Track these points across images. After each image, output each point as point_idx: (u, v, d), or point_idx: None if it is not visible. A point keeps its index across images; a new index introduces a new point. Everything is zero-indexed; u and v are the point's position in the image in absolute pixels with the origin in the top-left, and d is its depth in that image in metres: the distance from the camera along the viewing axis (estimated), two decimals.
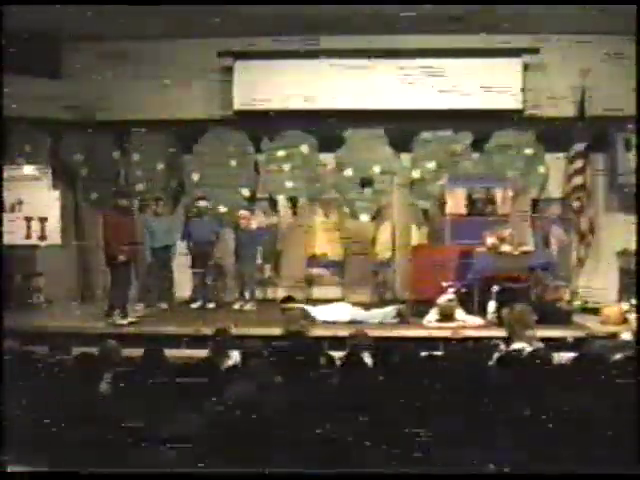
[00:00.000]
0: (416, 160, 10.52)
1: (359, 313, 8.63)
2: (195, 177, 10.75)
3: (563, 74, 10.04)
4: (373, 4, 8.53)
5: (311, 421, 3.11)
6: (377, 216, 10.60)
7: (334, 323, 8.28)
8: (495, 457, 2.86)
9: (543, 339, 5.86)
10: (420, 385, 3.84)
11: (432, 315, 8.21)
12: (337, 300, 9.45)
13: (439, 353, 5.57)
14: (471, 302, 8.46)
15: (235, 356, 5.50)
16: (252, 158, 10.78)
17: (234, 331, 6.27)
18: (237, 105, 10.54)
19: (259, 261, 9.90)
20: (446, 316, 8.17)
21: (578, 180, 10.04)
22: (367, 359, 4.83)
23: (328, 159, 10.68)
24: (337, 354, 4.94)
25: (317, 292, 10.31)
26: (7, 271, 8.98)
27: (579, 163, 10.03)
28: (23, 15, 7.63)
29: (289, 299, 9.50)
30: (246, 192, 10.71)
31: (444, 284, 8.37)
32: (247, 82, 10.44)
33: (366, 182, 10.47)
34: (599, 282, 9.75)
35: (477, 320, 8.17)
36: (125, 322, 8.23)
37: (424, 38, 10.09)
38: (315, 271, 10.59)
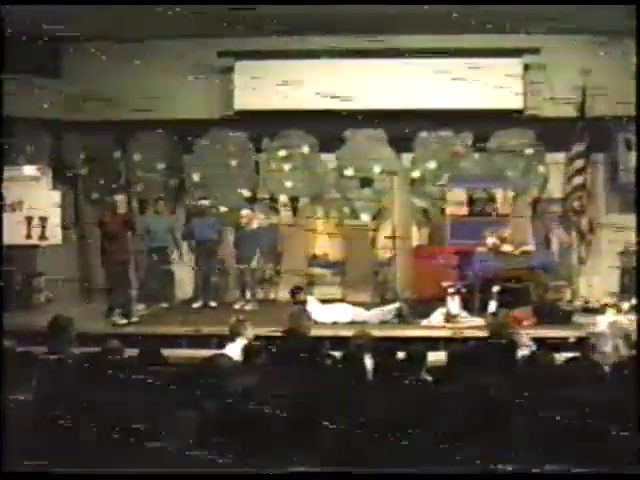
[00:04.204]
0: (416, 160, 10.51)
1: (360, 313, 8.62)
2: (195, 177, 10.74)
3: (564, 74, 10.02)
4: (373, 4, 8.51)
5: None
6: (377, 216, 10.59)
7: (335, 323, 8.28)
8: None
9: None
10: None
11: (437, 316, 8.21)
12: (338, 300, 9.45)
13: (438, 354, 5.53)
14: (472, 302, 8.46)
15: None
16: (252, 158, 10.77)
17: None
18: (237, 105, 10.55)
19: (260, 261, 9.88)
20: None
21: (578, 180, 10.03)
22: (367, 361, 4.82)
23: (329, 159, 10.67)
24: (338, 354, 4.94)
25: (318, 292, 10.29)
26: (7, 271, 8.96)
27: (579, 163, 10.01)
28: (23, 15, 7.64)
29: (298, 289, 9.37)
30: (246, 192, 10.70)
31: (444, 284, 8.36)
32: (247, 82, 10.44)
33: (366, 182, 10.47)
34: (599, 282, 9.74)
35: (479, 321, 8.17)
36: (125, 322, 8.22)
37: (424, 38, 10.08)
38: (316, 271, 10.58)
